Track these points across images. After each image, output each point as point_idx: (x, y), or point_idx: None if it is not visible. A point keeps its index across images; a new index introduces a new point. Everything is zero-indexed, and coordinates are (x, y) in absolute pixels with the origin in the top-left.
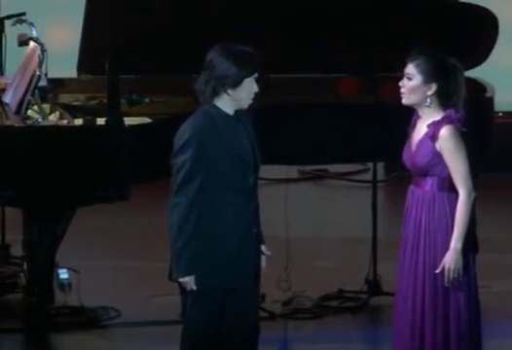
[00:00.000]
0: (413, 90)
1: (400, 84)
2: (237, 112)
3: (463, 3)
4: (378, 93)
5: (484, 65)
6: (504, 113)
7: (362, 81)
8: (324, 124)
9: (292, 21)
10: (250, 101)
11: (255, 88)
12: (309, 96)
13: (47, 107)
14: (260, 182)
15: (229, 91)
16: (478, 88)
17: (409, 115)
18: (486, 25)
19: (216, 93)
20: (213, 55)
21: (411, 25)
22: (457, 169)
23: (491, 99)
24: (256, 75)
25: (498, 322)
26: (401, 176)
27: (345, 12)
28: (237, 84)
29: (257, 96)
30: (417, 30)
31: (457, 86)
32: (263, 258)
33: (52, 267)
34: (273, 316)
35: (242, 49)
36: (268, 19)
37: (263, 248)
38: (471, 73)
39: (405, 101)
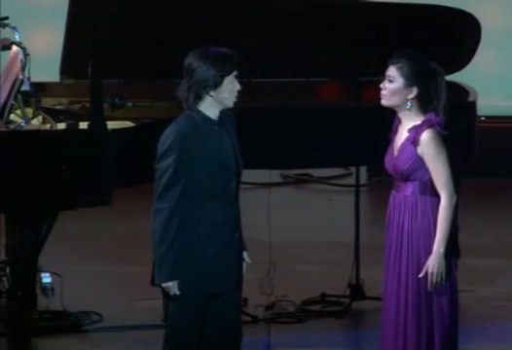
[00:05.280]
0: (394, 93)
1: (381, 86)
2: (221, 115)
3: (446, 7)
4: (360, 98)
5: (466, 70)
6: (487, 117)
7: (345, 85)
8: (307, 129)
9: (273, 26)
10: (234, 99)
11: (237, 87)
12: (291, 101)
13: (30, 111)
14: (242, 186)
15: (211, 93)
16: (460, 93)
17: (392, 119)
18: (468, 30)
19: (199, 97)
20: (191, 60)
21: (393, 30)
22: (439, 173)
23: (473, 104)
24: (236, 73)
25: (480, 326)
26: (384, 180)
27: (326, 17)
28: (217, 84)
29: (240, 96)
30: (399, 35)
31: (437, 90)
32: (244, 264)
33: (34, 272)
34: (255, 320)
35: (218, 49)
36: (249, 24)
37: (244, 255)
38: (454, 77)
39: (385, 103)
